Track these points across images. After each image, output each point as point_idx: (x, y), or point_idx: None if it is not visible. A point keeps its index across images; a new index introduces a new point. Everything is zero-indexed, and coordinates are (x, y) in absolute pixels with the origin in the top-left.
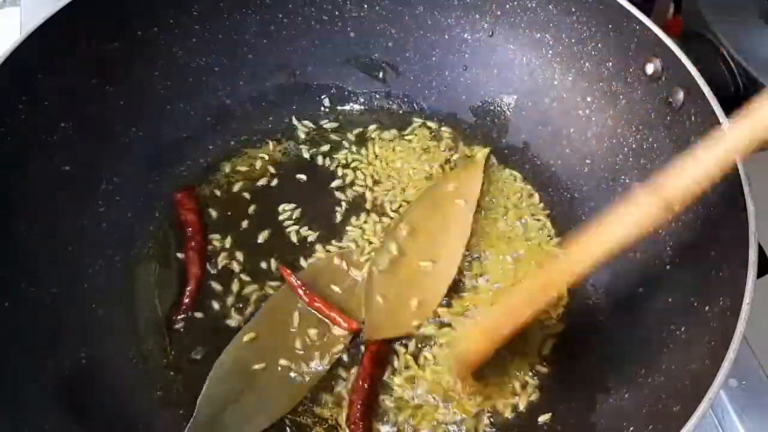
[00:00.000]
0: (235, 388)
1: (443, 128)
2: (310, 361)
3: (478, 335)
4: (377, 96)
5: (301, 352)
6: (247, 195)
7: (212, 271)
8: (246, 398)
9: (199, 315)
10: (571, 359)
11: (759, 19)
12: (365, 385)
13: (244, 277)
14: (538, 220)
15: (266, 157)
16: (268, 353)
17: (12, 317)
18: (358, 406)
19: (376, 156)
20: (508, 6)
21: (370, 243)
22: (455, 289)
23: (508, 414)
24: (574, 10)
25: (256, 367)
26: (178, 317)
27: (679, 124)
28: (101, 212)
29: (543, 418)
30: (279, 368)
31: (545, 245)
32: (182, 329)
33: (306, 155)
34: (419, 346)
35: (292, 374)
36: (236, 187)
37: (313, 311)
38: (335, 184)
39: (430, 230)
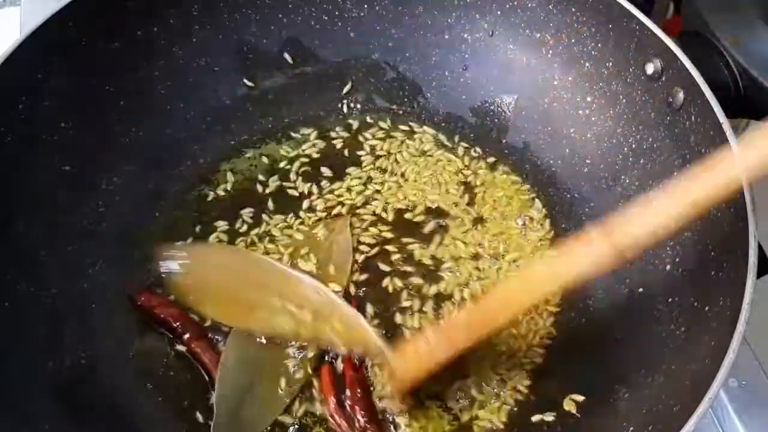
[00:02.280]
0: (246, 378)
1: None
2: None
3: (424, 349)
4: (377, 96)
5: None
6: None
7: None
8: (259, 384)
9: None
10: (570, 359)
11: (759, 19)
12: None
13: None
14: (538, 222)
15: (266, 157)
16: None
17: (12, 317)
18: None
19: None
20: (508, 6)
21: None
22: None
23: (505, 415)
24: (574, 10)
25: (260, 352)
26: None
27: (679, 124)
28: (101, 212)
29: (542, 418)
30: (282, 347)
31: (541, 250)
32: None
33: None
34: None
35: (297, 346)
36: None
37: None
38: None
39: None
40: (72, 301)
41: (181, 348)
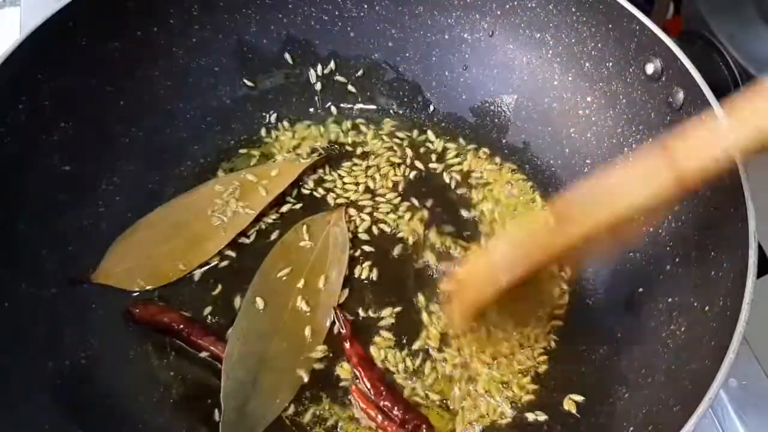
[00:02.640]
0: (250, 372)
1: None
2: (312, 322)
3: (475, 282)
4: (378, 96)
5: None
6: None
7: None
8: (263, 377)
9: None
10: (569, 359)
11: (759, 19)
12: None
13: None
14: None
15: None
16: (269, 327)
17: (12, 317)
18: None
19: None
20: (508, 6)
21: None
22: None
23: (507, 413)
24: (574, 10)
25: (263, 344)
26: None
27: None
28: (101, 212)
29: (541, 418)
30: (284, 345)
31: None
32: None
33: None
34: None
35: (298, 340)
36: None
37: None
38: None
39: None
40: (72, 301)
41: (203, 355)
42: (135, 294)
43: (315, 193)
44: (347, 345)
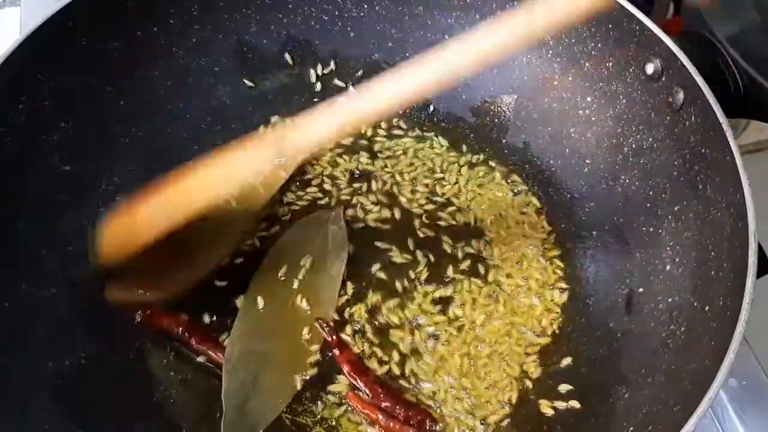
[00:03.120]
0: (250, 371)
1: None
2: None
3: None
4: None
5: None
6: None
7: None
8: (263, 377)
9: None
10: (569, 360)
11: (759, 19)
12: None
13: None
14: (538, 225)
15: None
16: (270, 326)
17: (12, 317)
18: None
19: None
20: (508, 6)
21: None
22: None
23: (506, 412)
24: None
25: (263, 344)
26: None
27: (679, 124)
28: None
29: (541, 418)
30: (284, 345)
31: (542, 255)
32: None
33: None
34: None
35: (298, 340)
36: None
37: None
38: None
39: None
40: (72, 301)
41: (200, 359)
42: None
43: (313, 193)
44: (337, 352)
